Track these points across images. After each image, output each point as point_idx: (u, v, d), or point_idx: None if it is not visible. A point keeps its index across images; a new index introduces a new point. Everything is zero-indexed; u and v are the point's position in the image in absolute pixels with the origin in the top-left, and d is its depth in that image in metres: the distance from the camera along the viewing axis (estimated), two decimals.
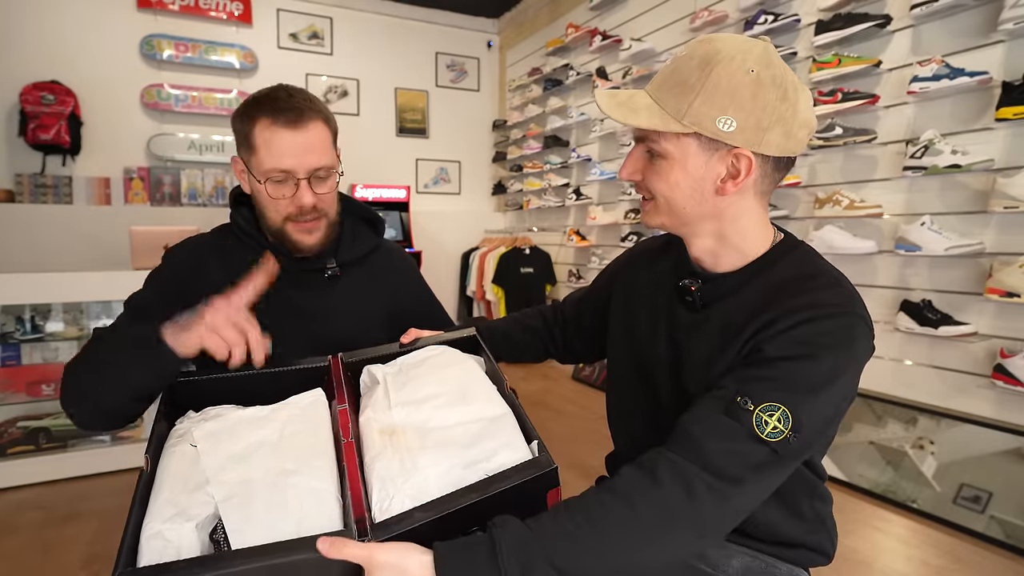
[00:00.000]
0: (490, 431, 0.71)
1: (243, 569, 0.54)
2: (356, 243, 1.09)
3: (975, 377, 2.00)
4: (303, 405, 0.77)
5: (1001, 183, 1.81)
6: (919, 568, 1.74)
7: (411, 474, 0.65)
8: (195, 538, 0.59)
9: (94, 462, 2.41)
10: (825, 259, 0.77)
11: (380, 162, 4.74)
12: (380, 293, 1.10)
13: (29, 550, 1.86)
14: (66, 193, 3.68)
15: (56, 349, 2.54)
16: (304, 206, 0.95)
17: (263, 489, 0.63)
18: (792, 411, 0.63)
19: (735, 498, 0.63)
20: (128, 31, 3.86)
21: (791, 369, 0.65)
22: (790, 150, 0.70)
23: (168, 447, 0.71)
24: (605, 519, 0.61)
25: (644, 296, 0.88)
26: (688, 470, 0.63)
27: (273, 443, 0.70)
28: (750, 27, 2.61)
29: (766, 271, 0.74)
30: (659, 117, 0.69)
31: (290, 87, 0.96)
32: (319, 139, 0.95)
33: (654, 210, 0.76)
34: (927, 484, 2.04)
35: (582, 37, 3.85)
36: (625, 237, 3.45)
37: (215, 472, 0.65)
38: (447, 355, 0.86)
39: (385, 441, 0.70)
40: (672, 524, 0.62)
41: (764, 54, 0.68)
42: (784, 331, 0.67)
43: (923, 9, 2.00)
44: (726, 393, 0.66)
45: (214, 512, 0.61)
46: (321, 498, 0.63)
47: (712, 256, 0.77)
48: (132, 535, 0.59)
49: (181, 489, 0.63)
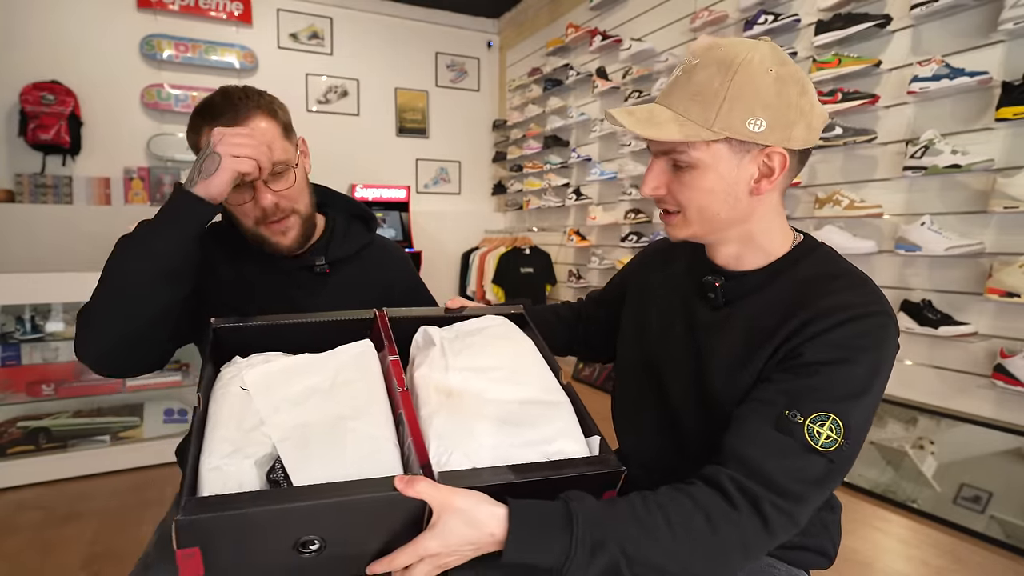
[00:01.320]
0: (547, 417, 0.71)
1: (317, 504, 0.55)
2: (347, 240, 1.07)
3: (975, 377, 2.00)
4: (353, 354, 0.78)
5: (1001, 183, 1.81)
6: (919, 568, 1.74)
7: (467, 438, 0.65)
8: (254, 475, 0.60)
9: (94, 462, 2.41)
10: (846, 259, 0.77)
11: (380, 162, 4.74)
12: (373, 289, 1.09)
13: (29, 550, 1.86)
14: (66, 193, 3.68)
15: (56, 349, 2.54)
16: (266, 208, 0.91)
17: (320, 432, 0.64)
18: (841, 418, 0.64)
19: (800, 515, 0.64)
20: (128, 31, 3.86)
21: (833, 375, 0.65)
22: (811, 142, 0.71)
23: (217, 389, 0.71)
24: (684, 526, 0.61)
25: (658, 296, 0.89)
26: (756, 493, 0.63)
27: (326, 390, 0.70)
28: (750, 27, 2.61)
29: (789, 270, 0.75)
30: (689, 127, 0.68)
31: (229, 88, 0.92)
32: (263, 134, 0.90)
33: (683, 223, 0.75)
34: (927, 484, 2.04)
35: (582, 37, 3.85)
36: (625, 237, 3.45)
37: (269, 414, 0.66)
38: (504, 327, 0.86)
39: (442, 400, 0.70)
40: (748, 550, 0.63)
41: (775, 52, 0.69)
42: (820, 334, 0.67)
43: (923, 9, 2.00)
44: (772, 408, 0.66)
45: (270, 452, 0.62)
46: (378, 444, 0.64)
47: (736, 259, 0.78)
48: (191, 469, 0.59)
49: (236, 428, 0.64)
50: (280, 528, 0.55)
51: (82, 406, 2.59)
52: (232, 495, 0.55)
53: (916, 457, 2.11)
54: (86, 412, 2.58)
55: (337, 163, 4.46)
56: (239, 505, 0.53)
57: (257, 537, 0.56)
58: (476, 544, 0.59)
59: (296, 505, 0.54)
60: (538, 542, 0.59)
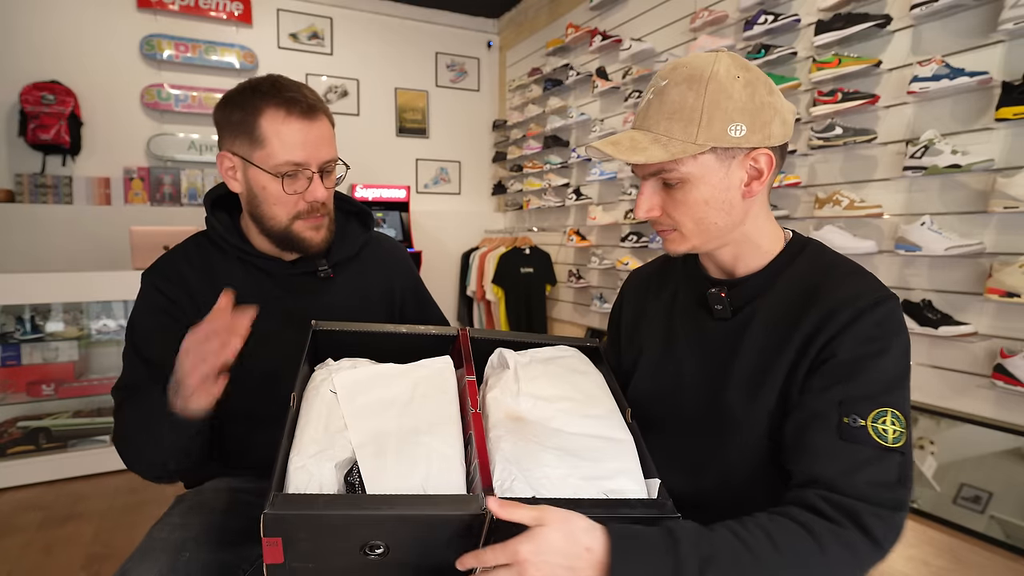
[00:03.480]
0: (611, 453, 0.72)
1: (383, 514, 0.59)
2: (347, 241, 1.06)
3: (975, 377, 2.00)
4: (434, 369, 0.80)
5: (1001, 183, 1.81)
6: (919, 568, 1.74)
7: (533, 466, 0.67)
8: (334, 477, 0.64)
9: (94, 462, 2.41)
10: (832, 250, 0.80)
11: (380, 162, 4.74)
12: (375, 285, 1.08)
13: (29, 550, 1.86)
14: (66, 193, 3.68)
15: (56, 349, 2.54)
16: (317, 200, 0.91)
17: (395, 443, 0.67)
18: (898, 408, 0.65)
19: (900, 520, 0.64)
20: (128, 31, 3.86)
21: (875, 369, 0.66)
22: (788, 136, 0.74)
23: (309, 390, 0.75)
24: (791, 546, 0.60)
25: (654, 324, 0.89)
26: (854, 507, 0.62)
27: (405, 401, 0.74)
28: (750, 27, 2.61)
29: (789, 267, 0.77)
30: (674, 145, 0.70)
31: (284, 77, 0.93)
32: (329, 131, 0.93)
33: (680, 238, 0.76)
34: (927, 484, 2.04)
35: (582, 37, 3.85)
36: (625, 237, 3.45)
37: (352, 419, 0.70)
38: (578, 360, 0.87)
39: (511, 425, 0.72)
40: (861, 565, 0.62)
41: (736, 60, 0.72)
42: (846, 328, 0.68)
43: (923, 9, 2.00)
44: (828, 420, 0.66)
45: (350, 456, 0.66)
46: (447, 463, 0.67)
47: (733, 261, 0.79)
48: (281, 465, 0.64)
49: (323, 430, 0.68)
50: (350, 531, 0.61)
51: (82, 406, 2.59)
52: (311, 496, 0.61)
53: (916, 457, 2.11)
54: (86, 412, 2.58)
55: None
56: (316, 507, 0.58)
57: (329, 536, 0.61)
58: (568, 557, 0.57)
59: (364, 513, 0.59)
60: (643, 558, 0.58)
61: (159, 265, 0.98)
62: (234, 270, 0.98)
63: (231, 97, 0.91)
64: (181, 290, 0.95)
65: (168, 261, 0.99)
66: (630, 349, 0.94)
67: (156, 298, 0.95)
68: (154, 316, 0.94)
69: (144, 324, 0.95)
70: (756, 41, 2.62)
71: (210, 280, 0.96)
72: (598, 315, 3.83)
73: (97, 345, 2.67)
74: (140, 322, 0.95)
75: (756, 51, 2.56)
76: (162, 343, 0.89)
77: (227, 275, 0.97)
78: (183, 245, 1.01)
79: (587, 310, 3.97)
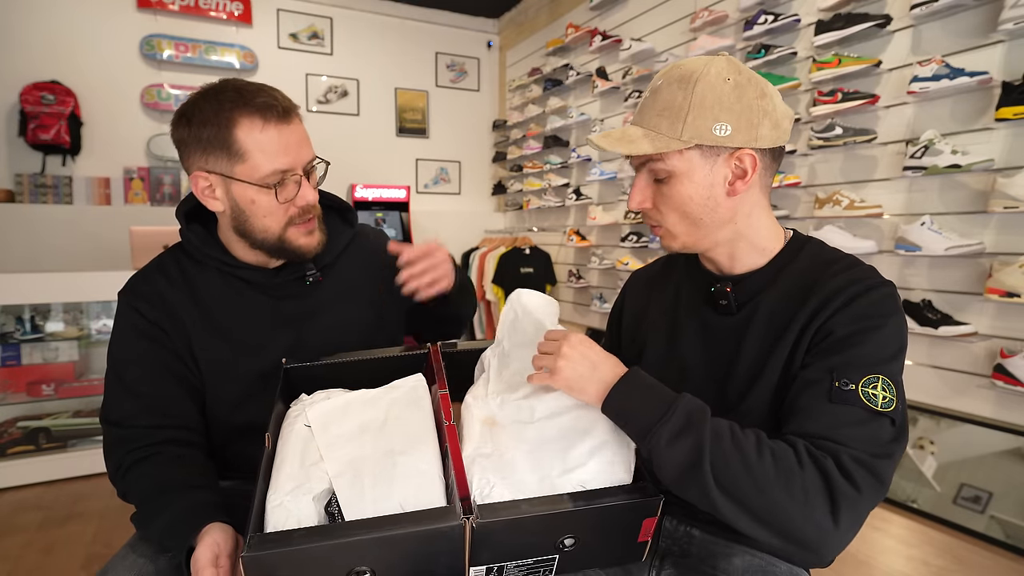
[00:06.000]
0: (580, 428, 0.73)
1: (363, 539, 0.60)
2: (332, 241, 1.01)
3: (975, 377, 2.00)
4: (406, 388, 0.82)
5: (1001, 183, 1.81)
6: (919, 568, 1.74)
7: (510, 472, 0.69)
8: (312, 510, 0.65)
9: (94, 462, 2.40)
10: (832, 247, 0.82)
11: (380, 162, 4.74)
12: (364, 289, 1.05)
13: (29, 550, 1.86)
14: (66, 193, 3.68)
15: (56, 349, 2.54)
16: (308, 203, 0.88)
17: (371, 467, 0.68)
18: (890, 377, 0.66)
19: (883, 472, 0.63)
20: (128, 31, 3.86)
21: (869, 341, 0.68)
22: (780, 140, 0.76)
23: (285, 426, 0.77)
24: (773, 452, 0.63)
25: (656, 321, 0.91)
26: (834, 449, 0.63)
27: (379, 424, 0.75)
28: (750, 27, 2.61)
29: (790, 263, 0.79)
30: (660, 140, 0.74)
31: (243, 81, 0.88)
32: (304, 130, 0.89)
33: (669, 234, 0.80)
34: (927, 484, 2.04)
35: (582, 37, 3.85)
36: (625, 237, 3.45)
37: (327, 450, 0.71)
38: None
39: (485, 432, 0.74)
40: (835, 500, 0.61)
41: (731, 64, 0.74)
42: (842, 309, 0.70)
43: (923, 9, 2.00)
44: (821, 385, 0.67)
45: (328, 487, 0.67)
46: (424, 479, 0.68)
47: (730, 260, 0.81)
48: (259, 505, 0.65)
49: (299, 465, 0.69)
50: (333, 560, 0.61)
51: (82, 406, 2.59)
52: (289, 532, 0.61)
53: (916, 457, 2.11)
54: (86, 412, 2.58)
55: (337, 163, 4.43)
56: (293, 542, 0.59)
57: (312, 569, 0.61)
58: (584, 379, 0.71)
59: (344, 541, 0.60)
60: (640, 399, 0.68)
61: (135, 284, 0.93)
62: (214, 282, 0.95)
63: (192, 113, 0.86)
64: (161, 311, 0.91)
65: (144, 279, 0.93)
66: (631, 348, 0.95)
67: (135, 319, 0.90)
68: (135, 341, 0.90)
69: (125, 352, 0.90)
70: (756, 41, 2.62)
71: (190, 294, 0.93)
72: (598, 315, 3.83)
73: (97, 345, 2.66)
74: (120, 349, 0.91)
75: (756, 51, 2.56)
76: (145, 371, 0.88)
77: (207, 287, 0.94)
78: (158, 260, 0.96)
79: (587, 310, 3.97)
